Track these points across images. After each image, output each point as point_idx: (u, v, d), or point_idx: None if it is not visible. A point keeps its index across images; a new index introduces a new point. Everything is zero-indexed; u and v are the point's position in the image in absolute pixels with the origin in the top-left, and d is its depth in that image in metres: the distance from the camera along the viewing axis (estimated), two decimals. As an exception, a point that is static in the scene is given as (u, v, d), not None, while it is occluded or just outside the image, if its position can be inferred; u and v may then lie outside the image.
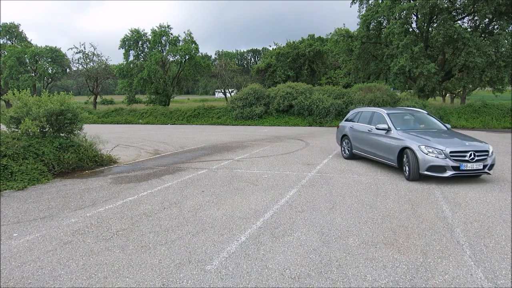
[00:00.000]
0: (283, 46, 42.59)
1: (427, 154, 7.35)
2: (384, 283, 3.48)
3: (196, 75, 38.97)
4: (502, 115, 22.32)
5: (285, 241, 4.48)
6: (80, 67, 41.74)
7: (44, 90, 10.70)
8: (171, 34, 35.90)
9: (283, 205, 5.97)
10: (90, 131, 10.61)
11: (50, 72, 43.53)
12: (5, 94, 9.83)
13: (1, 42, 46.55)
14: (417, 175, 7.53)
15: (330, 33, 30.29)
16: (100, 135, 10.70)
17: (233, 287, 3.44)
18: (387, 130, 8.69)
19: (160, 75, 34.85)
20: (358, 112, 10.71)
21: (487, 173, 7.53)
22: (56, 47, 43.36)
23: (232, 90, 45.12)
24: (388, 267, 3.79)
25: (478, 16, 22.67)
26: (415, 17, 24.60)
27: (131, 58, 36.18)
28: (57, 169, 8.44)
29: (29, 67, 44.14)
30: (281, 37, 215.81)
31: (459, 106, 24.98)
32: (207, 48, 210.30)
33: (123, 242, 4.51)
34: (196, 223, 5.16)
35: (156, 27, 35.58)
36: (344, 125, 10.95)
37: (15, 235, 4.78)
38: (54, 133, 9.17)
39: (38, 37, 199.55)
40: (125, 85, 36.92)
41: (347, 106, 24.19)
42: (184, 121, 27.98)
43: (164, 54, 36.00)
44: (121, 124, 28.55)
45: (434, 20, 24.01)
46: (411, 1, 23.50)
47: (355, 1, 27.53)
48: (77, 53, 39.19)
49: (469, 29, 23.81)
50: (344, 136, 10.80)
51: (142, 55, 36.66)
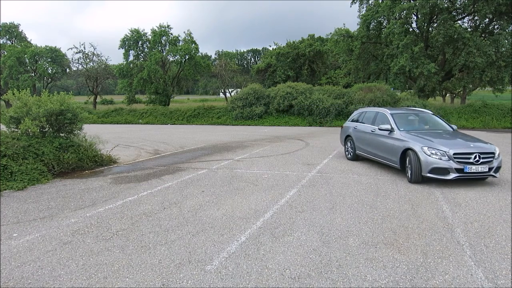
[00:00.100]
0: (283, 46, 42.58)
1: (430, 156, 7.08)
2: (384, 283, 3.48)
3: (196, 75, 38.99)
4: (502, 115, 22.33)
5: (285, 241, 4.48)
6: (80, 67, 41.81)
7: (44, 90, 10.68)
8: (171, 34, 35.95)
9: (283, 205, 5.97)
10: (90, 131, 10.61)
11: (50, 72, 43.54)
12: (5, 94, 9.82)
13: (1, 42, 46.56)
14: (420, 177, 7.28)
15: (330, 33, 30.34)
16: (100, 135, 10.69)
17: (233, 287, 3.44)
18: (390, 131, 8.42)
19: (160, 75, 34.87)
20: (362, 112, 10.43)
21: (493, 176, 7.21)
22: (56, 47, 43.42)
23: (232, 90, 45.10)
24: (388, 267, 3.79)
25: (478, 16, 22.68)
26: (415, 17, 24.61)
27: (131, 58, 36.22)
28: (57, 169, 8.44)
29: (29, 67, 44.15)
30: (281, 37, 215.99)
31: (459, 106, 24.99)
32: (207, 48, 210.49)
33: (123, 242, 4.51)
34: (196, 223, 5.15)
35: (156, 27, 35.64)
36: (348, 126, 10.71)
37: (15, 235, 4.78)
38: (54, 133, 9.17)
39: (38, 37, 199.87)
40: (125, 85, 36.94)
41: (347, 106, 24.20)
42: (184, 121, 27.99)
43: (164, 54, 36.01)
44: (121, 124, 28.56)
45: (434, 20, 24.02)
46: (411, 1, 23.51)
47: (355, 1, 27.55)
48: (77, 53, 39.30)
49: (469, 29, 23.83)
50: (348, 137, 10.53)
51: (142, 55, 36.69)
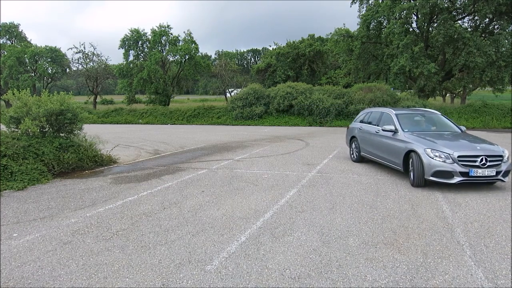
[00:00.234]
0: (283, 46, 42.59)
1: (433, 158, 6.74)
2: (384, 283, 3.47)
3: (196, 75, 39.01)
4: (502, 115, 22.34)
5: (285, 241, 4.48)
6: (80, 67, 41.84)
7: (44, 90, 10.68)
8: (171, 34, 35.96)
9: (283, 205, 5.97)
10: (90, 131, 10.61)
11: (50, 72, 43.56)
12: (5, 94, 9.82)
13: (1, 42, 46.57)
14: (422, 181, 6.94)
15: (330, 33, 30.37)
16: (100, 135, 10.69)
17: (233, 287, 3.44)
18: (394, 132, 8.11)
19: (160, 75, 34.87)
20: (368, 113, 10.14)
21: (501, 181, 6.80)
22: (56, 47, 43.45)
23: (232, 90, 45.08)
24: (388, 267, 3.79)
25: (479, 16, 22.69)
26: (415, 17, 24.62)
27: (131, 58, 36.23)
28: (57, 169, 8.44)
29: (29, 67, 44.16)
30: (281, 37, 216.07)
31: (459, 106, 25.00)
32: (207, 48, 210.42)
33: (123, 242, 4.51)
34: (196, 223, 5.15)
35: (156, 27, 35.65)
36: (353, 127, 10.43)
37: (15, 235, 4.78)
38: (54, 133, 9.17)
39: (38, 37, 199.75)
40: (125, 85, 36.96)
41: (347, 106, 24.21)
42: (184, 121, 27.99)
43: (164, 54, 36.02)
44: (121, 124, 28.56)
45: (434, 20, 24.02)
46: (411, 1, 23.51)
47: (355, 1, 27.56)
48: (77, 53, 39.32)
49: (469, 29, 23.84)
50: (353, 138, 10.26)
51: (142, 55, 36.70)
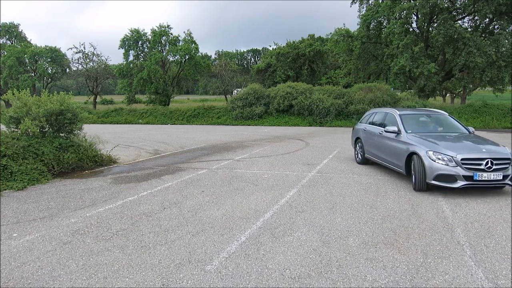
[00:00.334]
0: (283, 46, 42.60)
1: (435, 161, 6.44)
2: (384, 283, 3.47)
3: (196, 75, 39.00)
4: (503, 115, 22.34)
5: (285, 241, 4.48)
6: (80, 67, 41.83)
7: (44, 90, 10.68)
8: (171, 34, 35.95)
9: (283, 205, 5.97)
10: (90, 131, 10.61)
11: (50, 72, 43.56)
12: (5, 94, 9.82)
13: (1, 42, 46.58)
14: (424, 185, 6.63)
15: (330, 33, 30.38)
16: (100, 135, 10.69)
17: (233, 287, 3.44)
18: (397, 133, 7.81)
19: (160, 75, 34.87)
20: (373, 113, 9.87)
21: (509, 185, 6.41)
22: (56, 47, 43.44)
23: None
24: (388, 267, 3.79)
25: (479, 16, 22.70)
26: (415, 17, 24.62)
27: (131, 58, 36.23)
28: (57, 169, 8.44)
29: (29, 67, 44.16)
30: (281, 37, 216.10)
31: (460, 106, 25.01)
32: (207, 48, 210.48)
33: (123, 242, 4.50)
34: (196, 223, 5.15)
35: (156, 27, 35.65)
36: (358, 128, 10.19)
37: (15, 235, 4.77)
38: (54, 133, 9.17)
39: (38, 37, 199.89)
40: (125, 85, 36.96)
41: (347, 106, 24.22)
42: (184, 121, 27.99)
43: (164, 54, 36.02)
44: (121, 124, 28.55)
45: (434, 20, 24.03)
46: (411, 1, 23.52)
47: (355, 1, 27.57)
48: (77, 53, 39.29)
49: (470, 29, 23.84)
50: (358, 139, 10.01)
51: (142, 55, 36.70)
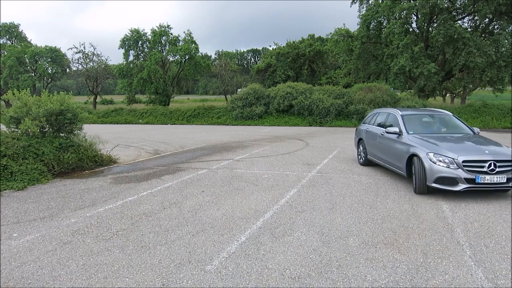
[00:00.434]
0: (283, 46, 42.58)
1: (436, 163, 6.22)
2: (384, 283, 3.48)
3: (196, 75, 38.99)
4: (502, 115, 22.34)
5: (285, 241, 4.48)
6: (80, 67, 41.82)
7: (44, 90, 10.68)
8: (171, 34, 35.95)
9: (283, 205, 5.97)
10: (90, 131, 10.61)
11: (50, 72, 43.55)
12: (5, 94, 9.82)
13: (1, 42, 46.55)
14: (425, 188, 6.43)
15: (330, 33, 30.35)
16: (100, 135, 10.69)
17: (233, 287, 3.44)
18: (398, 134, 7.60)
19: (160, 75, 34.87)
20: (375, 114, 9.70)
21: None
22: (56, 47, 43.42)
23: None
24: (388, 267, 3.79)
25: (478, 16, 22.69)
26: (415, 17, 24.61)
27: (131, 58, 36.22)
28: (57, 169, 8.44)
29: (29, 67, 44.15)
30: (281, 37, 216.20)
31: (459, 106, 25.01)
32: (207, 48, 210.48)
33: (123, 242, 4.51)
34: (196, 223, 5.15)
35: (156, 27, 35.64)
36: (361, 128, 10.02)
37: (15, 235, 4.78)
38: (54, 133, 9.17)
39: (38, 37, 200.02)
40: (125, 85, 36.94)
41: (347, 106, 24.22)
42: (184, 121, 27.98)
43: (164, 54, 36.01)
44: (121, 124, 28.55)
45: (434, 20, 24.02)
46: (411, 1, 23.51)
47: (355, 1, 27.55)
48: (77, 53, 39.28)
49: (469, 29, 23.83)
50: (360, 140, 9.85)
51: (142, 55, 36.69)
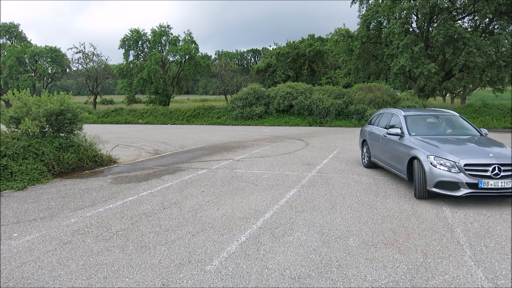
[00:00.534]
0: (283, 46, 42.60)
1: (436, 167, 5.90)
2: (384, 283, 3.48)
3: (196, 75, 38.96)
4: (502, 115, 22.33)
5: (285, 241, 4.48)
6: (80, 67, 41.78)
7: (44, 90, 10.68)
8: (171, 34, 35.92)
9: (283, 205, 5.97)
10: (90, 131, 10.61)
11: (50, 72, 43.50)
12: (5, 94, 9.82)
13: (1, 42, 46.54)
14: (425, 193, 6.11)
15: (330, 33, 30.34)
16: (100, 135, 10.69)
17: (233, 287, 3.44)
18: (400, 136, 7.28)
19: (160, 75, 34.85)
20: (380, 114, 9.38)
21: None
22: (56, 47, 43.34)
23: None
24: (388, 267, 3.79)
25: (479, 16, 22.68)
26: (415, 17, 24.60)
27: (131, 58, 36.18)
28: (57, 169, 8.44)
29: (29, 67, 44.11)
30: (281, 37, 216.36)
31: (459, 106, 25.00)
32: (207, 48, 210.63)
33: (123, 242, 4.51)
34: (196, 223, 5.15)
35: (156, 27, 35.61)
36: (365, 129, 9.71)
37: (15, 235, 4.78)
38: (54, 133, 9.17)
39: (38, 37, 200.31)
40: (125, 85, 36.91)
41: (347, 106, 24.21)
42: (184, 121, 27.97)
43: (164, 54, 35.99)
44: (121, 124, 28.54)
45: (434, 20, 24.01)
46: (411, 1, 23.50)
47: (355, 1, 27.53)
48: (77, 53, 39.22)
49: (470, 29, 23.82)
50: (364, 142, 9.55)
51: (142, 55, 36.66)
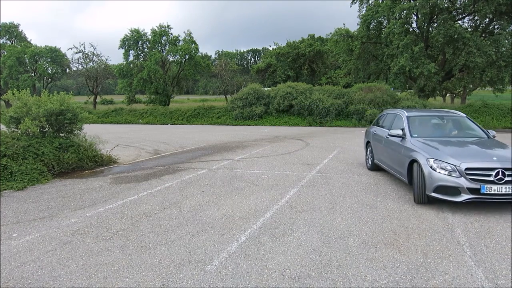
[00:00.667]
0: (283, 46, 42.64)
1: (436, 170, 5.60)
2: (385, 283, 3.47)
3: (196, 75, 38.96)
4: (502, 115, 22.33)
5: (285, 241, 4.48)
6: (80, 67, 41.74)
7: (44, 90, 10.68)
8: (171, 34, 35.90)
9: (283, 205, 5.97)
10: (90, 131, 10.60)
11: (50, 72, 43.50)
12: (5, 94, 9.82)
13: (1, 42, 46.53)
14: (425, 197, 5.82)
15: (330, 33, 30.34)
16: (100, 135, 10.68)
17: (233, 287, 3.44)
18: (402, 137, 6.99)
19: (160, 75, 34.84)
20: (384, 115, 9.11)
21: None
22: (56, 47, 43.33)
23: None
24: (388, 267, 3.79)
25: (479, 16, 22.68)
26: (415, 17, 24.60)
27: (131, 58, 36.16)
28: (57, 169, 8.44)
29: (29, 67, 44.10)
30: (281, 37, 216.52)
31: (460, 106, 24.99)
32: (207, 48, 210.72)
33: (123, 242, 4.51)
34: (196, 223, 5.15)
35: (156, 27, 35.59)
36: (369, 130, 9.47)
37: (15, 235, 4.78)
38: (54, 133, 9.17)
39: (38, 37, 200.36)
40: (125, 85, 36.90)
41: (347, 106, 24.22)
42: (184, 121, 27.97)
43: (164, 54, 35.98)
44: (121, 124, 28.53)
45: (434, 20, 24.01)
46: (411, 1, 23.50)
47: (355, 1, 27.53)
48: (77, 53, 39.16)
49: (470, 29, 23.81)
50: (368, 143, 9.31)
51: (142, 55, 36.65)
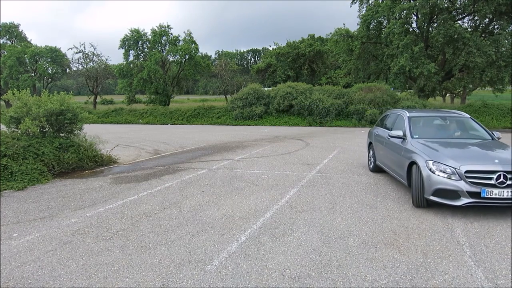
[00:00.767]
0: (283, 46, 42.64)
1: (434, 173, 5.40)
2: (384, 283, 3.48)
3: (196, 75, 38.96)
4: (502, 115, 22.34)
5: (285, 241, 4.48)
6: (80, 67, 41.77)
7: (44, 90, 10.69)
8: (171, 34, 35.91)
9: (283, 205, 5.97)
10: (90, 131, 10.61)
11: (50, 72, 43.50)
12: (5, 94, 9.82)
13: (1, 42, 46.53)
14: (423, 201, 5.64)
15: (330, 33, 30.35)
16: (100, 135, 10.68)
17: (233, 287, 3.44)
18: (403, 138, 6.80)
19: (160, 75, 34.85)
20: (387, 115, 8.90)
21: None
22: (56, 47, 43.34)
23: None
24: (388, 267, 3.79)
25: (478, 16, 22.68)
26: (415, 17, 24.61)
27: (131, 58, 36.16)
28: (57, 169, 8.44)
29: (29, 67, 44.11)
30: (281, 37, 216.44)
31: (459, 106, 25.00)
32: (207, 48, 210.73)
33: (123, 242, 4.51)
34: (196, 223, 5.16)
35: (156, 27, 35.59)
36: (372, 131, 9.24)
37: (15, 235, 4.78)
38: (54, 133, 9.17)
39: (38, 37, 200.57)
40: (125, 85, 36.90)
41: (347, 106, 24.22)
42: (184, 121, 27.97)
43: (164, 54, 35.98)
44: (121, 124, 28.53)
45: (434, 20, 24.01)
46: (411, 1, 23.50)
47: (355, 1, 27.53)
48: (77, 53, 39.23)
49: (469, 29, 23.82)
50: (370, 144, 9.10)
51: (142, 55, 36.65)
